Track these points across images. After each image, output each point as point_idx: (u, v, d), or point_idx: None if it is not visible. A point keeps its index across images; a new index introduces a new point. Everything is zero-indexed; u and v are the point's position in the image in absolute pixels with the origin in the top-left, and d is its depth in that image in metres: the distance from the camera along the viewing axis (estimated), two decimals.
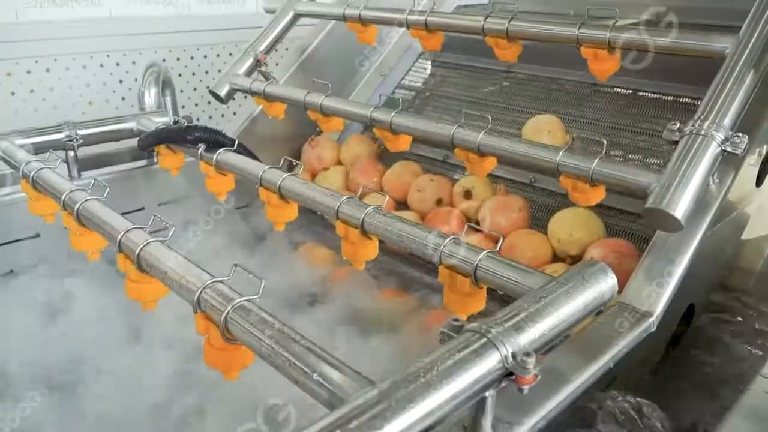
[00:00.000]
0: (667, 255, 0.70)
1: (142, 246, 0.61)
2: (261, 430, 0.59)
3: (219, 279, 0.54)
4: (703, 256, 0.75)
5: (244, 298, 0.51)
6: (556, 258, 0.93)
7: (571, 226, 0.90)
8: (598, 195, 0.73)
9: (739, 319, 0.91)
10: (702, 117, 0.66)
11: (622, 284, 0.63)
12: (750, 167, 0.89)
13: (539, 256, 0.92)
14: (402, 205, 1.12)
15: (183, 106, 1.85)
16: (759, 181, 0.95)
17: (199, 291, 0.53)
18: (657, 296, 0.67)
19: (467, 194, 1.04)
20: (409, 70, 1.39)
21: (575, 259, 0.91)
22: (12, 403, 0.72)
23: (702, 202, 0.71)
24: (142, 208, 1.12)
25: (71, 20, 1.57)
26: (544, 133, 1.02)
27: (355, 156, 1.21)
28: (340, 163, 1.24)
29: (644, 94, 1.05)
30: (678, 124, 0.68)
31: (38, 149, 0.97)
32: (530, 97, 1.17)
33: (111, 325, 0.85)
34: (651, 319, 0.66)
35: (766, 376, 0.69)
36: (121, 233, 0.64)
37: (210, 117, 1.89)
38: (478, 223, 1.02)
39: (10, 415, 0.71)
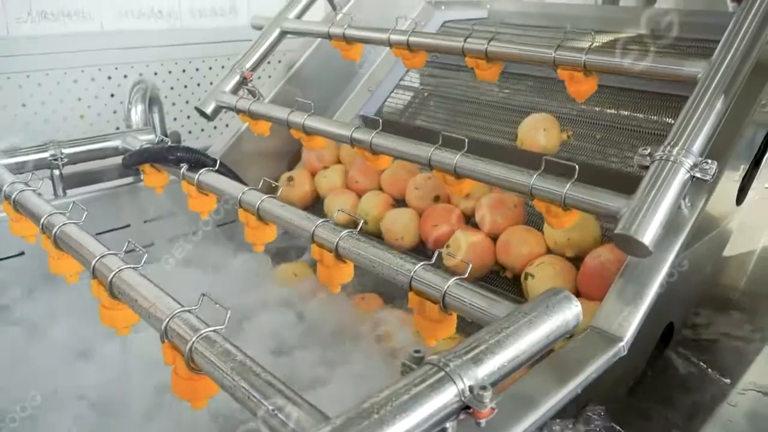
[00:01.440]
0: (638, 278, 0.70)
1: (114, 273, 0.62)
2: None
3: (187, 308, 0.55)
4: (680, 275, 0.76)
5: (209, 329, 0.52)
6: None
7: (567, 228, 0.90)
8: (571, 218, 0.74)
9: (719, 336, 0.91)
10: (672, 143, 0.67)
11: None
12: (731, 185, 0.90)
13: (534, 253, 0.93)
14: (401, 202, 1.14)
15: (175, 119, 1.87)
16: (739, 200, 0.96)
17: (167, 320, 0.54)
18: (628, 320, 0.67)
19: (465, 195, 1.03)
20: (401, 80, 1.40)
21: (572, 261, 0.91)
22: None
23: (674, 226, 0.71)
24: (128, 225, 1.13)
25: (63, 34, 1.59)
26: (539, 131, 1.04)
27: (354, 155, 1.20)
28: (339, 162, 1.26)
29: (641, 90, 1.05)
30: (648, 149, 0.68)
31: (23, 169, 0.98)
32: (526, 95, 1.18)
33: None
34: (621, 344, 0.66)
35: (732, 404, 0.70)
36: (96, 259, 0.65)
37: (202, 130, 1.90)
38: (473, 218, 1.03)
39: None
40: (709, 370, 0.79)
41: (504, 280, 0.99)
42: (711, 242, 0.89)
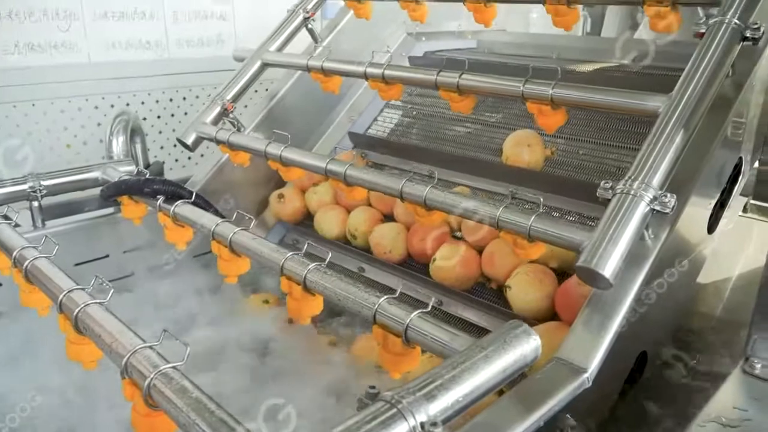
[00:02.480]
0: (603, 309, 0.71)
1: (80, 307, 0.62)
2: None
3: (148, 344, 0.55)
4: (650, 304, 0.76)
5: (168, 365, 0.52)
6: None
7: None
8: (538, 250, 0.75)
9: (691, 364, 0.92)
10: (633, 177, 0.68)
11: None
12: (702, 214, 0.92)
13: (518, 264, 0.94)
14: (389, 217, 1.17)
15: (162, 147, 1.88)
16: (711, 229, 0.97)
17: (127, 356, 0.54)
18: (592, 352, 0.68)
19: None
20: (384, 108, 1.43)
21: (555, 272, 0.93)
22: None
23: (638, 257, 0.72)
24: (107, 256, 1.13)
25: (50, 66, 1.61)
26: (524, 147, 1.07)
27: None
28: (328, 178, 1.27)
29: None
30: (610, 183, 0.70)
31: (1, 201, 0.99)
32: (511, 112, 1.21)
33: None
34: (585, 375, 0.66)
35: None
36: (63, 293, 0.65)
37: (189, 158, 1.91)
38: (460, 232, 1.05)
39: None
40: (680, 399, 0.79)
41: (490, 291, 1.02)
42: (683, 270, 0.90)
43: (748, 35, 0.77)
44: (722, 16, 0.78)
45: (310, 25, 1.28)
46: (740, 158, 0.99)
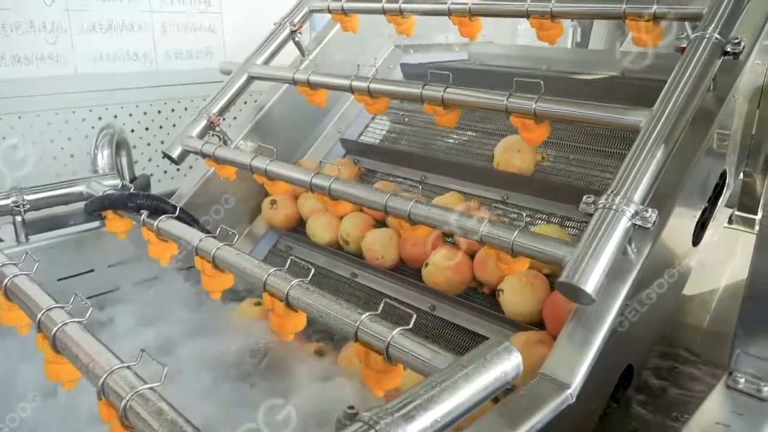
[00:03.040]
0: (587, 324, 0.71)
1: (58, 327, 0.61)
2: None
3: (126, 365, 0.54)
4: (635, 318, 0.76)
5: (145, 386, 0.51)
6: None
7: None
8: (522, 264, 0.74)
9: (678, 376, 0.92)
10: (615, 191, 0.68)
11: None
12: (686, 227, 0.92)
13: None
14: (381, 223, 1.17)
15: (150, 159, 1.88)
16: (696, 241, 0.98)
17: (104, 377, 0.53)
18: (575, 367, 0.68)
19: None
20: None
21: (548, 277, 0.93)
22: None
23: (621, 271, 0.72)
24: (92, 270, 1.12)
25: (36, 78, 1.60)
26: (514, 152, 1.08)
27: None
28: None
29: None
30: (593, 197, 0.70)
31: None
32: (502, 119, 1.21)
33: None
34: (569, 391, 0.66)
35: None
36: (42, 312, 0.64)
37: (178, 169, 1.91)
38: (452, 237, 1.07)
39: None
40: (666, 412, 0.79)
41: (483, 296, 1.02)
42: (668, 283, 0.91)
43: (728, 49, 0.78)
44: (703, 31, 0.78)
45: (297, 38, 1.29)
46: (724, 170, 0.99)
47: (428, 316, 1.05)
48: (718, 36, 0.77)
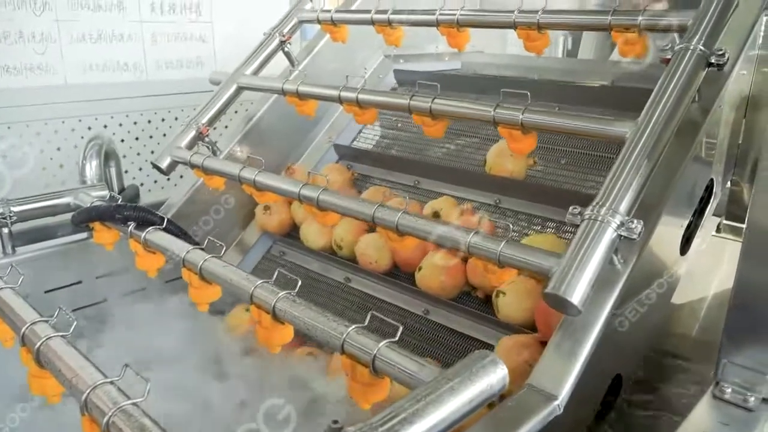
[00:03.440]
0: (574, 335, 0.71)
1: (42, 341, 0.61)
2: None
3: (109, 380, 0.54)
4: (623, 327, 0.77)
5: (128, 402, 0.51)
6: None
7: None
8: (510, 274, 0.74)
9: (666, 387, 0.92)
10: (600, 202, 0.68)
11: None
12: (674, 236, 0.92)
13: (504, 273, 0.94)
14: (374, 228, 1.16)
15: (140, 169, 1.87)
16: (684, 250, 0.98)
17: (87, 392, 0.53)
18: (563, 378, 0.68)
19: (436, 215, 1.10)
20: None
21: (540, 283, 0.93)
22: None
23: (608, 282, 0.72)
24: (80, 282, 1.12)
25: (25, 88, 1.59)
26: (506, 157, 1.09)
27: (330, 183, 1.25)
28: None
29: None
30: (579, 209, 0.70)
31: None
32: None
33: None
34: (556, 402, 0.66)
35: None
36: (26, 326, 0.64)
37: (168, 179, 1.90)
38: None
39: None
40: (654, 421, 0.79)
41: (476, 300, 1.03)
42: (656, 292, 0.91)
43: (713, 61, 0.79)
44: (688, 43, 0.79)
45: (286, 49, 1.29)
46: (711, 179, 1.00)
47: (422, 320, 1.06)
48: (702, 48, 0.78)
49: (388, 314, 1.08)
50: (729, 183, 1.09)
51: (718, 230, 1.20)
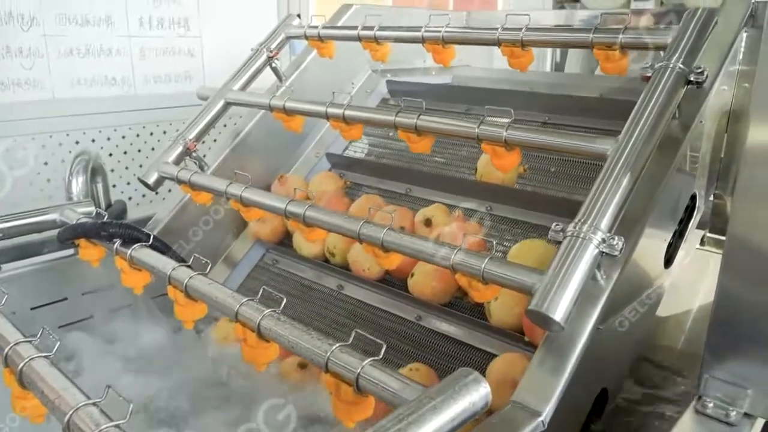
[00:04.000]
0: (557, 351, 0.71)
1: (25, 362, 0.61)
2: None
3: (92, 401, 0.54)
4: (607, 342, 0.77)
5: (111, 424, 0.51)
6: None
7: (526, 258, 0.95)
8: (493, 292, 0.75)
9: (652, 400, 0.93)
10: (582, 219, 0.69)
11: None
12: (658, 249, 0.93)
13: None
14: None
15: (128, 183, 1.86)
16: (668, 263, 0.99)
17: (69, 414, 0.53)
18: (546, 394, 0.68)
19: (427, 222, 1.11)
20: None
21: None
22: None
23: (591, 297, 0.73)
24: (66, 299, 1.11)
25: (12, 103, 1.59)
26: None
27: (323, 191, 1.28)
28: (308, 198, 1.29)
29: (593, 130, 1.14)
30: (561, 225, 0.71)
31: None
32: None
33: None
34: (540, 419, 0.66)
35: None
36: (9, 346, 0.64)
37: (156, 193, 1.89)
38: None
39: None
40: None
41: (468, 305, 1.04)
42: (641, 306, 0.92)
43: (692, 79, 0.80)
44: (667, 61, 0.80)
45: (274, 64, 1.30)
46: (694, 194, 1.01)
47: (415, 326, 1.07)
48: (681, 66, 0.79)
49: (380, 321, 1.11)
50: (712, 196, 1.11)
51: (702, 243, 1.21)
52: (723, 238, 1.18)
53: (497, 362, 0.88)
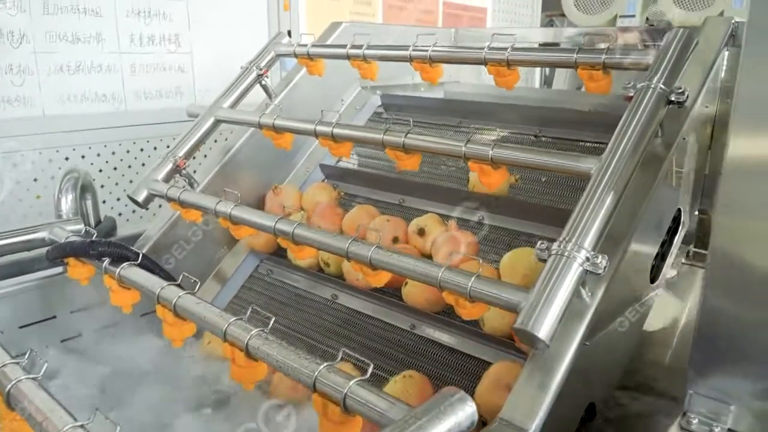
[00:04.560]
0: (543, 367, 0.72)
1: (12, 383, 0.61)
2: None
3: (79, 424, 0.54)
4: (593, 357, 0.78)
5: None
6: None
7: (518, 267, 0.96)
8: (480, 310, 0.76)
9: (638, 415, 0.93)
10: (566, 238, 0.70)
11: None
12: (643, 265, 0.94)
13: None
14: None
15: (118, 199, 1.87)
16: (654, 279, 1.00)
17: None
18: (533, 411, 0.69)
19: (421, 232, 1.13)
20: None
21: None
22: None
23: (576, 314, 0.74)
24: (54, 317, 1.11)
25: (2, 120, 1.59)
26: None
27: (317, 202, 1.29)
28: (302, 208, 1.31)
29: (583, 143, 1.18)
30: (546, 244, 0.72)
31: None
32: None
33: None
34: None
35: None
36: None
37: (147, 208, 1.89)
38: (430, 257, 1.10)
39: None
40: None
41: None
42: (627, 320, 0.93)
43: (673, 99, 0.82)
44: (649, 81, 0.82)
45: (263, 82, 1.31)
46: (679, 209, 1.03)
47: (409, 334, 1.08)
48: (662, 86, 0.81)
49: (374, 330, 1.12)
50: (697, 212, 1.12)
51: (687, 257, 1.22)
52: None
53: (494, 367, 0.89)
